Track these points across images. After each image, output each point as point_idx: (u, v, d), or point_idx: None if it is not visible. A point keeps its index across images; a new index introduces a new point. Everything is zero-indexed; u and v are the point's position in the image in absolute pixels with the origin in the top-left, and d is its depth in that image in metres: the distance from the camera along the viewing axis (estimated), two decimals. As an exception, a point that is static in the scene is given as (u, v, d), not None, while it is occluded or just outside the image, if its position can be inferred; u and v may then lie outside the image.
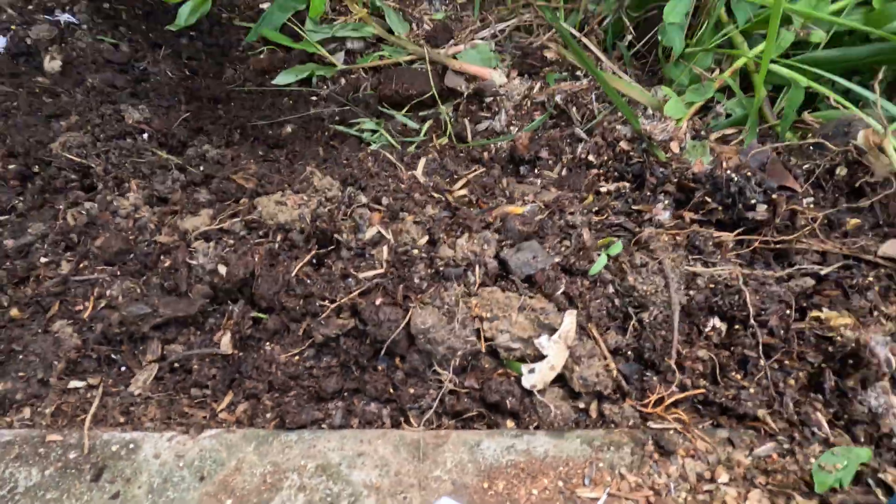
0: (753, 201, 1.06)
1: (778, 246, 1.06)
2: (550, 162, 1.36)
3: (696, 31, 1.37)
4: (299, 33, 1.71)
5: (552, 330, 0.88)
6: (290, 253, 0.94)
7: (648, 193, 1.14)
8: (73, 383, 0.84)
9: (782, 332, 0.90)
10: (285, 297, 0.88)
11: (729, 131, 1.31)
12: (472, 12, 1.72)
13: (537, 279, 0.96)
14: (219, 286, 0.91)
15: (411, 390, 0.85)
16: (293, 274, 0.90)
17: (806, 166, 1.15)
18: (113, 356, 0.86)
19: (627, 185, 1.19)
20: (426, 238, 0.95)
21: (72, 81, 1.30)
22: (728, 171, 1.07)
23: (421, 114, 1.55)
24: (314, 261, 0.94)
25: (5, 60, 1.32)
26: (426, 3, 1.76)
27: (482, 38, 1.64)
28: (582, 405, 0.87)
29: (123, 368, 0.86)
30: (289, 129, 1.49)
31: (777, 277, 0.99)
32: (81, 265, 0.92)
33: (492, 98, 1.50)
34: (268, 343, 0.87)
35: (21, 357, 0.84)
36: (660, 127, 1.23)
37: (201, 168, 1.12)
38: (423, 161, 1.14)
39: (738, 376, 0.88)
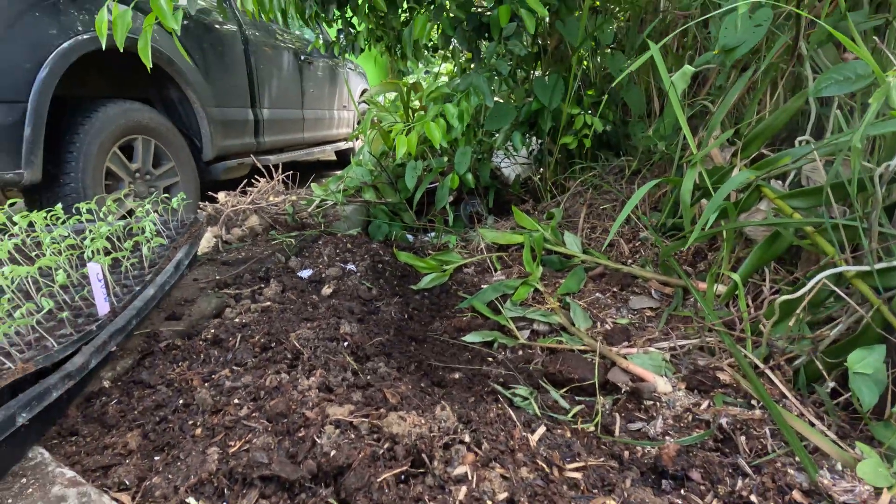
0: None
1: None
2: (702, 488, 1.19)
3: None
4: (500, 309, 2.08)
5: None
6: (388, 462, 1.03)
7: (813, 562, 0.88)
8: (189, 499, 1.01)
9: None
10: (360, 497, 0.95)
11: (977, 533, 0.96)
12: (656, 325, 1.83)
13: None
14: (322, 466, 1.04)
15: None
16: (378, 479, 0.98)
17: None
18: (225, 490, 1.03)
19: (789, 543, 0.94)
20: (505, 495, 0.93)
21: (329, 303, 1.84)
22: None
23: (577, 398, 1.59)
24: (402, 476, 1.01)
25: (304, 283, 1.99)
26: (613, 310, 1.96)
27: (659, 348, 1.69)
28: None
29: (223, 504, 1.01)
30: (456, 375, 1.70)
31: None
32: (253, 414, 1.20)
33: (651, 402, 1.46)
34: (327, 535, 0.92)
35: (178, 463, 1.09)
36: (844, 486, 0.99)
37: (368, 378, 1.38)
38: (542, 429, 1.16)
39: None
